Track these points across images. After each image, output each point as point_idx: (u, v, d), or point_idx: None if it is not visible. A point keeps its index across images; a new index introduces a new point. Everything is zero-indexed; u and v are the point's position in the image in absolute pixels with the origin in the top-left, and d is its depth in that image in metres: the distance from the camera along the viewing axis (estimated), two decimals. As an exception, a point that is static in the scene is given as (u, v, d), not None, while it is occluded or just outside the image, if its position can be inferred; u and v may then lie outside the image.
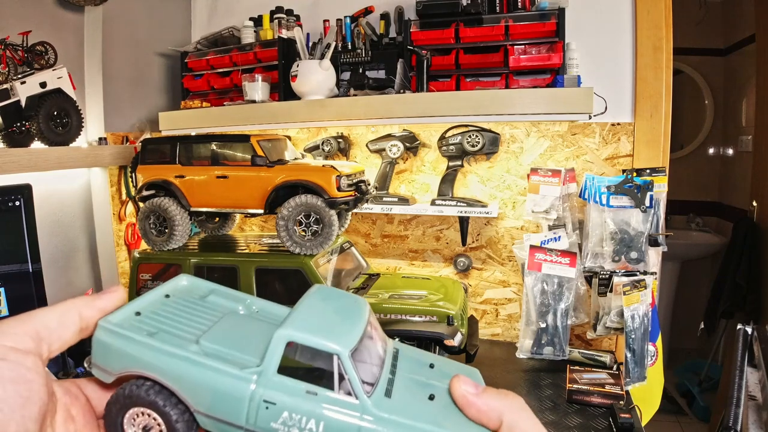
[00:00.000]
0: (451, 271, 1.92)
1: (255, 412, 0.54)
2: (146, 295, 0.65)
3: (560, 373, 1.51)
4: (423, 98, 1.55)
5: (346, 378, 0.53)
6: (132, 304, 0.63)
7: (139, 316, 0.61)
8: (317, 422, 0.53)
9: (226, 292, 0.72)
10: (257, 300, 0.71)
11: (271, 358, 0.55)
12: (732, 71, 3.38)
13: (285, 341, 0.55)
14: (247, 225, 2.19)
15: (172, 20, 2.19)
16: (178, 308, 0.66)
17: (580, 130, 1.70)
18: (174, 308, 0.65)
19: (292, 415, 0.54)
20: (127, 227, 1.99)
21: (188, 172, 1.49)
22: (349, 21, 1.82)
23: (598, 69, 1.64)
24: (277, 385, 0.55)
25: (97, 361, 0.57)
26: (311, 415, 0.53)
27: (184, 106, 1.94)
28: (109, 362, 0.56)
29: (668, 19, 1.59)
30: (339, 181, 1.37)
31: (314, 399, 0.54)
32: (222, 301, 0.71)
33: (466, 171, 1.83)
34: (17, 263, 1.39)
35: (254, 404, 0.54)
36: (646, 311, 1.42)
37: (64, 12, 1.73)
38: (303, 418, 0.53)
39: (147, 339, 0.57)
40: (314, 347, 0.54)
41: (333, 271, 1.45)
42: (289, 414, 0.54)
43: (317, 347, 0.54)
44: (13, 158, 1.46)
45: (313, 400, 0.54)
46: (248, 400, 0.54)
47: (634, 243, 1.48)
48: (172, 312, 0.64)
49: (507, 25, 1.57)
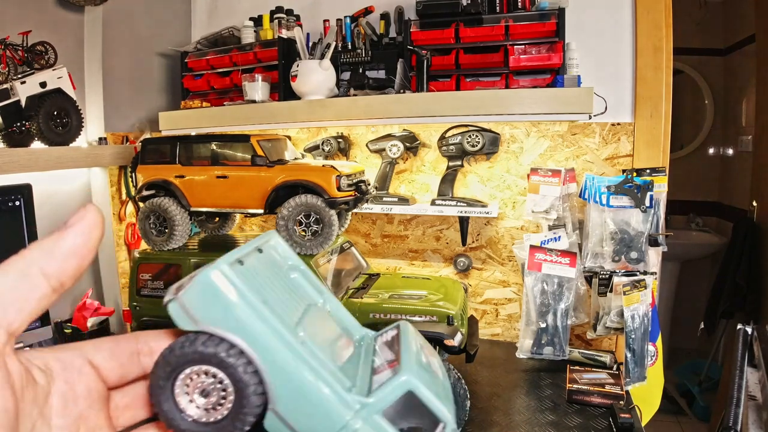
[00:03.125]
0: (451, 271, 1.92)
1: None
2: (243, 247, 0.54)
3: (560, 373, 1.51)
4: (423, 98, 1.55)
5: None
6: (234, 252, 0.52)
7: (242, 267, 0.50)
8: None
9: (307, 274, 0.62)
10: (329, 296, 0.62)
11: (385, 398, 0.48)
12: (732, 71, 3.38)
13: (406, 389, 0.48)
14: (247, 225, 2.19)
15: (172, 20, 2.19)
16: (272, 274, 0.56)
17: (580, 130, 1.70)
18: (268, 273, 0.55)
19: None
20: (127, 227, 1.99)
21: (188, 172, 1.48)
22: (349, 21, 1.82)
23: (598, 69, 1.64)
24: (377, 427, 0.48)
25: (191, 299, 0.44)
26: None
27: (184, 106, 1.94)
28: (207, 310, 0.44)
29: (668, 19, 1.59)
30: (339, 181, 1.37)
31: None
32: (305, 285, 0.61)
33: (466, 171, 1.83)
34: (17, 263, 1.39)
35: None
36: (646, 311, 1.42)
37: (64, 12, 1.73)
38: None
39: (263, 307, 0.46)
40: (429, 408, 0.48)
41: (333, 271, 1.45)
42: None
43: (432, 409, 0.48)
44: (13, 158, 1.46)
45: None
46: (341, 427, 0.47)
47: (634, 243, 1.48)
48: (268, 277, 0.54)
49: (507, 25, 1.57)
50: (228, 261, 0.48)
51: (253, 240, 0.57)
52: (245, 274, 0.48)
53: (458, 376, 1.18)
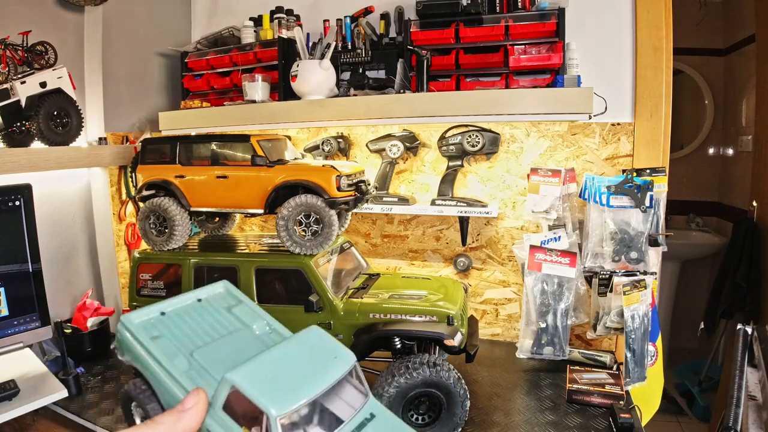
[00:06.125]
0: (451, 271, 1.92)
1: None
2: (182, 296, 0.77)
3: (560, 373, 1.51)
4: (423, 98, 1.55)
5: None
6: (162, 303, 0.75)
7: (162, 316, 0.72)
8: None
9: (252, 309, 0.81)
10: (274, 322, 0.79)
11: (218, 396, 0.60)
12: (732, 71, 3.38)
13: (230, 385, 0.59)
14: (247, 225, 2.19)
15: (172, 20, 2.19)
16: (201, 314, 0.75)
17: (580, 130, 1.70)
18: (196, 314, 0.74)
19: None
20: (127, 227, 1.99)
21: (188, 172, 1.48)
22: (349, 21, 1.82)
23: (598, 69, 1.64)
24: (219, 421, 0.60)
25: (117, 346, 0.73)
26: None
27: (184, 106, 1.94)
28: (122, 351, 0.72)
29: (668, 19, 1.59)
30: (339, 181, 1.37)
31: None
32: (244, 316, 0.78)
33: (466, 171, 1.83)
34: (17, 263, 1.39)
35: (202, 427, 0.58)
36: (646, 311, 1.42)
37: (64, 12, 1.73)
38: None
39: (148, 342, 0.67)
40: (251, 399, 0.58)
41: (333, 271, 1.45)
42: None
43: (253, 400, 0.58)
44: (13, 158, 1.46)
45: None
46: None
47: (634, 243, 1.48)
48: (192, 318, 0.74)
49: (507, 25, 1.57)
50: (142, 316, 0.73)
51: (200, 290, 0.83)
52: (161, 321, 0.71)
53: (458, 376, 1.18)
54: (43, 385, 1.32)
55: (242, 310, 0.78)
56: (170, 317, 0.72)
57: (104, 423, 1.29)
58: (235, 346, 0.70)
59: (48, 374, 1.37)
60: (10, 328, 1.36)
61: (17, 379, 1.29)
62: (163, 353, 0.65)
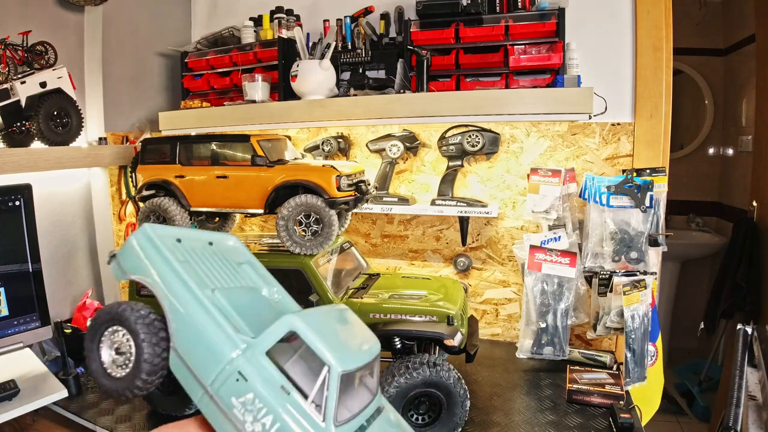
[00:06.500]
0: (451, 271, 1.92)
1: (225, 378, 0.51)
2: (193, 231, 0.67)
3: (560, 373, 1.51)
4: (423, 98, 1.55)
5: (325, 394, 0.50)
6: (179, 230, 0.65)
7: (178, 243, 0.62)
8: (273, 420, 0.49)
9: (260, 270, 0.72)
10: (283, 291, 0.70)
11: (268, 337, 0.53)
12: (732, 71, 3.38)
13: (288, 328, 0.52)
14: (247, 225, 2.19)
15: (172, 20, 2.19)
16: (213, 258, 0.66)
17: (580, 130, 1.70)
18: (210, 256, 0.66)
19: (255, 400, 0.50)
20: (127, 227, 1.99)
21: (188, 172, 1.48)
22: (349, 21, 1.82)
23: (598, 69, 1.64)
24: (259, 365, 0.52)
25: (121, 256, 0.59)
26: (272, 410, 0.50)
27: (184, 106, 1.94)
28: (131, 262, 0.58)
29: (668, 19, 1.59)
30: (339, 181, 1.37)
31: (284, 397, 0.50)
32: (253, 275, 0.70)
33: (466, 171, 1.83)
34: (17, 263, 1.39)
35: (229, 370, 0.51)
36: (646, 311, 1.42)
37: (64, 12, 1.73)
38: (263, 409, 0.50)
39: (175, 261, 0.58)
40: (312, 348, 0.51)
41: (333, 271, 1.44)
42: (253, 397, 0.50)
43: (315, 350, 0.51)
44: (13, 158, 1.46)
45: (282, 398, 0.50)
46: (225, 363, 0.52)
47: (634, 243, 1.48)
48: (206, 257, 0.65)
49: (507, 25, 1.57)
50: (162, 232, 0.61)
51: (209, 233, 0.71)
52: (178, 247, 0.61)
53: (458, 376, 1.18)
54: (43, 385, 1.32)
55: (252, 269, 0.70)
56: (186, 247, 0.62)
57: (104, 423, 1.29)
58: (251, 301, 0.63)
59: (48, 374, 1.37)
60: (10, 328, 1.36)
61: (17, 379, 1.29)
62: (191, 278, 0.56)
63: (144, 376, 0.56)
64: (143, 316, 0.56)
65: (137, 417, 1.30)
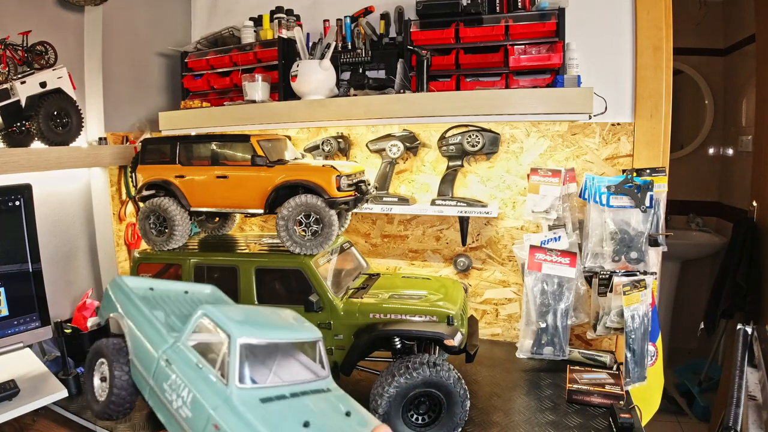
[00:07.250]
0: (451, 271, 1.92)
1: (159, 369, 0.62)
2: (171, 282, 0.89)
3: (560, 373, 1.51)
4: (423, 98, 1.55)
5: (227, 360, 0.58)
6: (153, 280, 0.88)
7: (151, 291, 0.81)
8: (189, 392, 0.58)
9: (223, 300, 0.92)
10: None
11: (188, 327, 0.65)
12: (732, 71, 3.38)
13: (202, 311, 0.64)
14: (247, 225, 2.19)
15: (172, 20, 2.19)
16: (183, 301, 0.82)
17: (580, 130, 1.70)
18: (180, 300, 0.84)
19: (177, 379, 0.61)
20: (127, 227, 1.99)
21: (188, 172, 1.48)
22: (349, 21, 1.82)
23: (598, 69, 1.64)
24: (181, 351, 0.64)
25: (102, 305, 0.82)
26: (188, 384, 0.60)
27: (184, 106, 1.94)
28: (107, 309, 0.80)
29: (668, 19, 1.59)
30: (339, 181, 1.37)
31: (197, 372, 0.60)
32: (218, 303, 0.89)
33: (466, 171, 1.83)
34: (17, 263, 1.39)
35: (161, 361, 0.62)
36: (646, 311, 1.42)
37: (64, 12, 1.73)
38: (182, 385, 0.60)
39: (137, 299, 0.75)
40: (217, 323, 0.61)
41: (333, 271, 1.45)
42: (176, 377, 0.61)
43: (219, 323, 0.61)
44: (13, 158, 1.46)
45: (196, 372, 0.60)
46: (159, 357, 0.64)
47: (634, 243, 1.48)
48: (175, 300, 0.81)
49: (507, 25, 1.57)
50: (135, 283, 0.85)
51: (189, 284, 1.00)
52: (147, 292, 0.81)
53: (458, 376, 1.18)
54: (43, 385, 1.32)
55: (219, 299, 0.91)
56: (157, 294, 0.80)
57: (104, 423, 1.29)
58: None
59: (48, 374, 1.37)
60: (10, 328, 1.36)
61: (17, 379, 1.29)
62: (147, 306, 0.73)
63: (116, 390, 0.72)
64: (114, 344, 0.75)
65: (137, 417, 1.30)
